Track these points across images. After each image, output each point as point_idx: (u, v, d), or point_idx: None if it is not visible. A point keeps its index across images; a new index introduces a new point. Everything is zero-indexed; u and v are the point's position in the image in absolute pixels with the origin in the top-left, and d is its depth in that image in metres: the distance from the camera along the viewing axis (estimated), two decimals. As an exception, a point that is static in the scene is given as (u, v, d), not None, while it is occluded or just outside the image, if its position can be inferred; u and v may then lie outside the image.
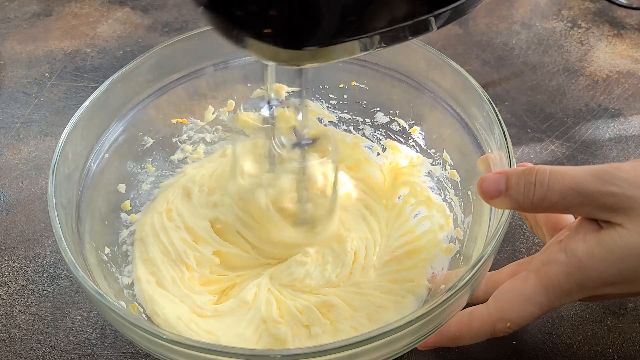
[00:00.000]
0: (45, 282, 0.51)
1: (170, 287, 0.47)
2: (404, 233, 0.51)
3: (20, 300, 0.50)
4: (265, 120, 0.48)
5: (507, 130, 0.42)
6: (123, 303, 0.43)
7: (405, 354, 0.38)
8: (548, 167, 0.37)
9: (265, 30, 0.28)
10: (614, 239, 0.36)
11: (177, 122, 0.54)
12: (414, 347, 0.37)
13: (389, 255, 0.49)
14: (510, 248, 0.52)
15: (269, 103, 0.46)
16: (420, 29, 0.30)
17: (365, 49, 0.30)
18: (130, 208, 0.51)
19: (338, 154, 0.46)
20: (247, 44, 0.30)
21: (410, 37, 0.31)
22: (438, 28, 0.31)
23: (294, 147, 0.44)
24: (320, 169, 0.47)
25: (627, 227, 0.36)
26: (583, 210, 0.38)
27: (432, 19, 0.30)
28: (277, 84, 0.56)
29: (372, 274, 0.48)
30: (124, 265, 0.48)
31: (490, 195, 0.38)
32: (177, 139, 0.55)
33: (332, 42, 0.29)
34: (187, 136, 0.56)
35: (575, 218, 0.43)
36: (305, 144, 0.43)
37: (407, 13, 0.29)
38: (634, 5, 0.75)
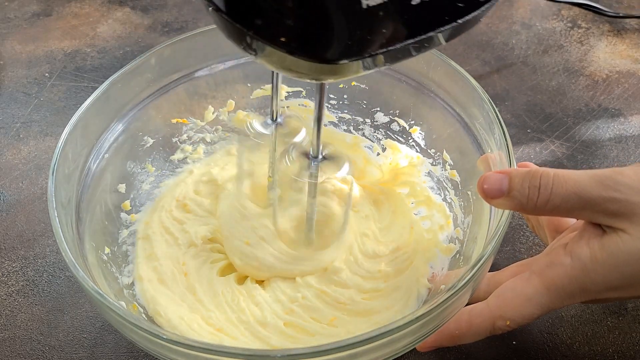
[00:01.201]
0: (45, 282, 0.51)
1: (170, 283, 0.47)
2: (405, 225, 0.51)
3: (20, 300, 0.50)
4: (268, 135, 0.47)
5: (507, 130, 0.42)
6: (123, 303, 0.43)
7: (405, 354, 0.38)
8: (552, 171, 0.37)
9: (299, 44, 0.27)
10: (617, 244, 0.36)
11: (177, 122, 0.54)
12: (414, 347, 0.37)
13: (389, 251, 0.49)
14: (510, 248, 0.52)
15: (273, 119, 0.46)
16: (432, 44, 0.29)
17: (390, 62, 0.30)
18: (130, 208, 0.51)
19: (352, 170, 0.44)
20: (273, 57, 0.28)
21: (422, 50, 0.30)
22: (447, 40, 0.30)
23: (307, 163, 0.42)
24: (334, 186, 0.45)
25: (629, 233, 0.36)
26: (585, 215, 0.38)
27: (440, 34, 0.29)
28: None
29: (372, 274, 0.48)
30: (124, 265, 0.48)
31: (492, 195, 0.38)
32: (177, 139, 0.55)
33: (365, 55, 0.28)
34: (187, 136, 0.56)
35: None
36: (317, 160, 0.41)
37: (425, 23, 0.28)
38: (621, 14, 0.75)
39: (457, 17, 0.28)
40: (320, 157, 0.41)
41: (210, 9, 0.28)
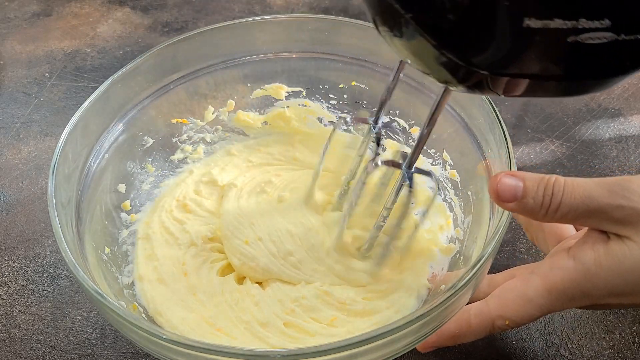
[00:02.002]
0: (45, 282, 0.51)
1: (170, 283, 0.47)
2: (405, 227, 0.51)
3: (20, 300, 0.50)
4: (365, 135, 0.47)
5: (507, 130, 0.42)
6: (123, 303, 0.43)
7: (405, 354, 0.38)
8: (562, 179, 0.37)
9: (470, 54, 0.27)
10: (623, 251, 0.36)
11: (177, 122, 0.54)
12: (414, 347, 0.37)
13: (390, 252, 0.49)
14: (510, 248, 0.52)
15: (375, 122, 0.46)
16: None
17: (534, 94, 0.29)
18: (130, 208, 0.51)
19: (431, 198, 0.43)
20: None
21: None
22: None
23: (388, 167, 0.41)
24: (408, 199, 0.44)
25: (635, 240, 0.36)
26: (592, 222, 0.38)
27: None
28: (277, 84, 0.56)
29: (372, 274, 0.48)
30: (124, 265, 0.48)
31: (505, 199, 0.38)
32: (177, 139, 0.55)
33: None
34: (187, 136, 0.56)
35: (581, 228, 0.43)
36: (410, 172, 0.40)
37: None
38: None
39: (601, 76, 0.28)
40: (414, 168, 0.40)
41: None
